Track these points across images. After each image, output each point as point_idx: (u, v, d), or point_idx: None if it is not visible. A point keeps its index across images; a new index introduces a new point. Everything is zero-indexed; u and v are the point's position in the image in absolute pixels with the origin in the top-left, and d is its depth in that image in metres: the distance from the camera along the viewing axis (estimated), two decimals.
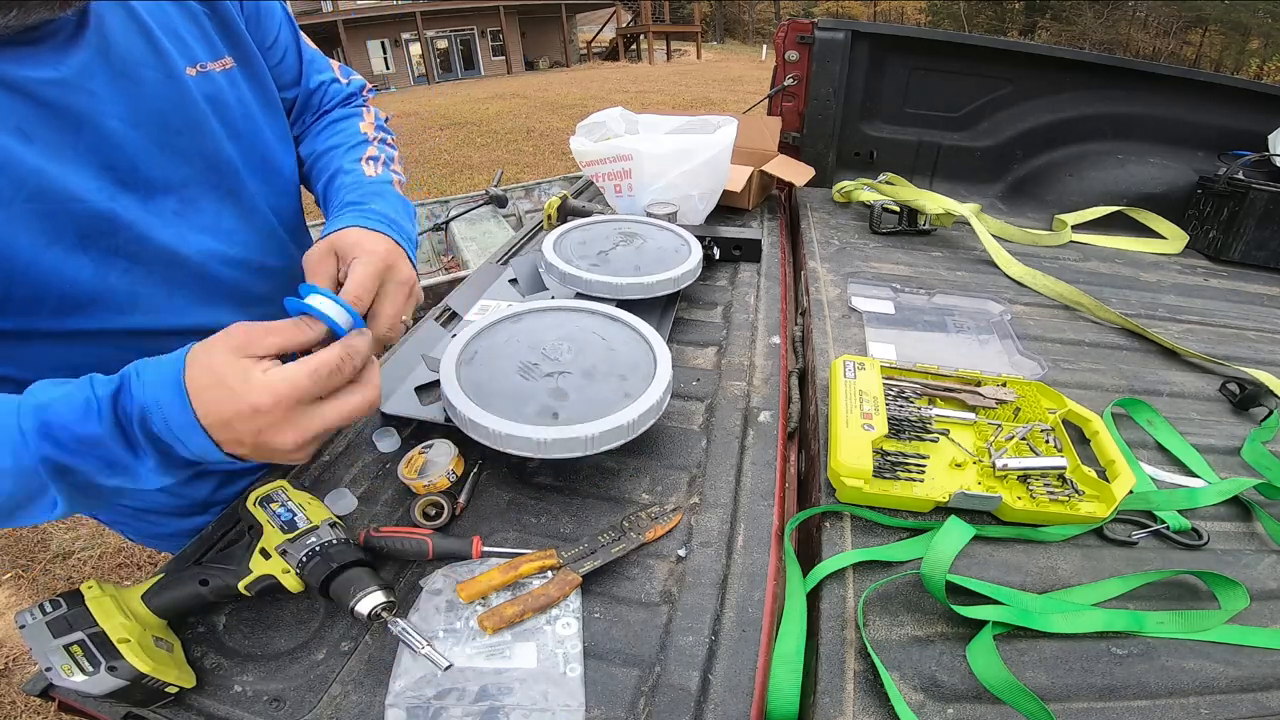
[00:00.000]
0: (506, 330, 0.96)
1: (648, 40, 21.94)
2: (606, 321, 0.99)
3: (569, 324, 0.98)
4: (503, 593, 0.68)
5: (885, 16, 29.44)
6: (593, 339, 0.94)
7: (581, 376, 0.86)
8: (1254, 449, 0.95)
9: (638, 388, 0.85)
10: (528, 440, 0.75)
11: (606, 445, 0.78)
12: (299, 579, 0.64)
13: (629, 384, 0.86)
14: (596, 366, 0.89)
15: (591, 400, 0.82)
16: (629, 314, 1.00)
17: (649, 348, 0.93)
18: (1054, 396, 0.98)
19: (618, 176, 1.57)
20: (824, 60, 1.96)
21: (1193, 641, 0.67)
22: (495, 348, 0.91)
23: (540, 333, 0.95)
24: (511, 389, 0.83)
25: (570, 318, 1.00)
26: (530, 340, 0.93)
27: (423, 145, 9.33)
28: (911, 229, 1.77)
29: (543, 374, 0.86)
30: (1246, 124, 1.91)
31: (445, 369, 0.85)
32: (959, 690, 0.61)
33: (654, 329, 0.97)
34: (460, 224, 4.12)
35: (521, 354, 0.90)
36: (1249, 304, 1.52)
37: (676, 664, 0.63)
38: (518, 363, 0.88)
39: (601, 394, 0.84)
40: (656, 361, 0.90)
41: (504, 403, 0.80)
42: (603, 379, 0.87)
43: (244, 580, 0.64)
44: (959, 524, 0.71)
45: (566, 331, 0.95)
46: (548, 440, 0.75)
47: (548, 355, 0.90)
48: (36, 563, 2.19)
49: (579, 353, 0.91)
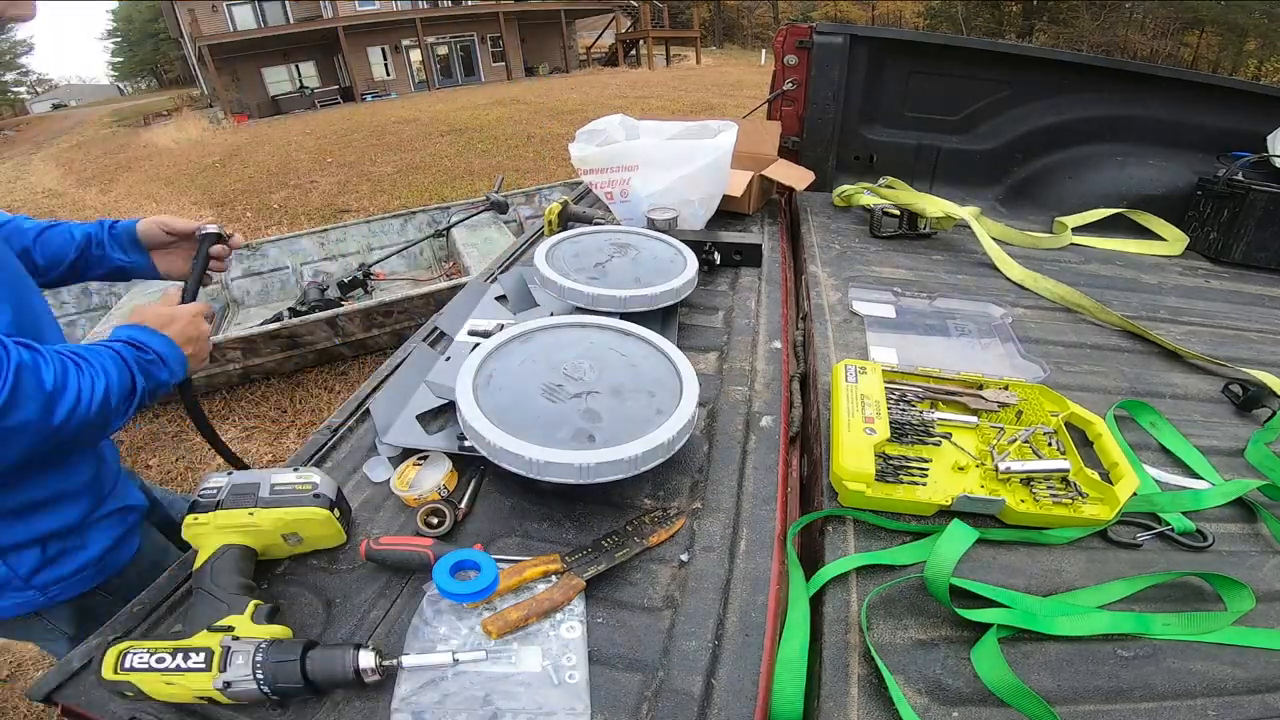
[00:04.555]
0: (519, 350, 0.93)
1: (647, 45, 22.01)
2: (620, 337, 0.98)
3: (583, 341, 0.96)
4: (507, 597, 0.68)
5: (883, 20, 29.52)
6: (612, 355, 0.92)
7: (610, 395, 0.85)
8: (1258, 450, 0.94)
9: (668, 403, 0.83)
10: (569, 466, 0.73)
11: (649, 464, 0.76)
12: (271, 693, 0.58)
13: (659, 400, 0.84)
14: (623, 384, 0.87)
15: (626, 419, 0.81)
16: (641, 328, 0.99)
17: (669, 361, 0.92)
18: (1056, 399, 0.98)
19: (618, 183, 1.58)
20: (823, 64, 1.97)
21: (1199, 643, 0.67)
22: (511, 370, 0.89)
23: (556, 351, 0.93)
24: (539, 413, 0.81)
25: (583, 334, 0.98)
26: (548, 360, 0.90)
27: (424, 151, 9.36)
28: (912, 232, 1.77)
29: (570, 395, 0.84)
30: (1245, 125, 1.91)
31: (463, 395, 0.81)
32: (964, 694, 0.61)
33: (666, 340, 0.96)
34: (461, 230, 4.14)
35: (542, 375, 0.87)
36: (1250, 305, 1.52)
37: (680, 668, 0.62)
38: (540, 384, 0.85)
39: (634, 412, 0.82)
40: (680, 375, 0.89)
41: (534, 428, 0.78)
42: (632, 396, 0.85)
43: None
44: (962, 527, 0.70)
45: (583, 349, 0.94)
46: (590, 465, 0.73)
47: (570, 375, 0.87)
48: None
49: (602, 371, 0.89)
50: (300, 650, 0.58)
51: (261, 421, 2.90)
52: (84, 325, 3.51)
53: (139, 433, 2.80)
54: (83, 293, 3.57)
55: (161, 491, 1.16)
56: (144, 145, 12.11)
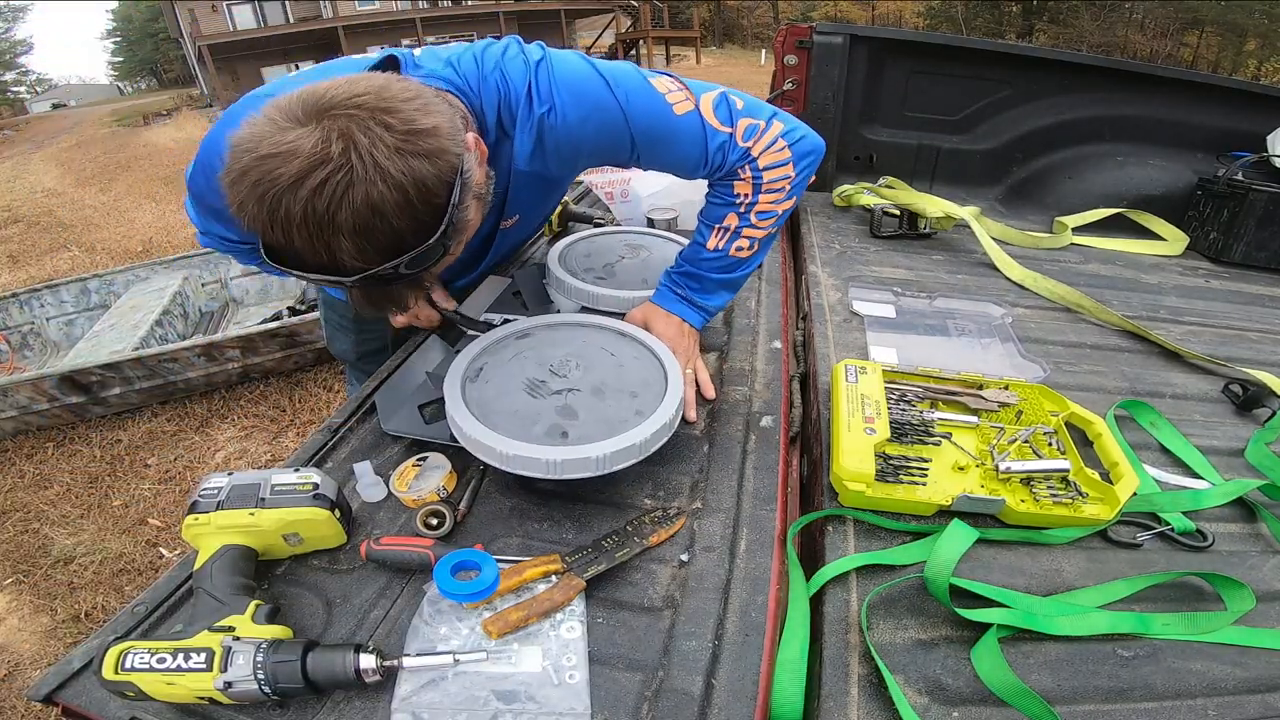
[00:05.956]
0: (513, 346, 0.94)
1: (647, 45, 21.99)
2: (615, 337, 0.98)
3: (577, 339, 0.96)
4: (507, 598, 0.68)
5: (883, 20, 29.51)
6: (601, 355, 0.93)
7: (591, 394, 0.85)
8: (1258, 450, 0.94)
9: (649, 405, 0.84)
10: (536, 461, 0.74)
11: (618, 465, 0.77)
12: (272, 693, 0.58)
13: (640, 401, 0.85)
14: (606, 383, 0.87)
15: (601, 419, 0.81)
16: (638, 329, 0.99)
17: (659, 363, 0.92)
18: (1056, 399, 0.98)
19: (618, 183, 1.58)
20: (823, 64, 1.97)
21: (1199, 643, 0.67)
22: (502, 365, 0.90)
23: (548, 349, 0.93)
24: (519, 407, 0.82)
25: (579, 333, 0.98)
26: (538, 357, 0.91)
27: None
28: (912, 232, 1.77)
29: (551, 391, 0.85)
30: (1245, 125, 1.91)
31: (450, 387, 0.83)
32: (964, 693, 0.61)
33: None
34: None
35: (529, 371, 0.88)
36: (1250, 305, 1.52)
37: (680, 669, 0.62)
38: (525, 380, 0.86)
39: (612, 412, 0.83)
40: (668, 378, 0.89)
41: (511, 422, 0.79)
42: (613, 396, 0.85)
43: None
44: (962, 527, 0.70)
45: (575, 347, 0.94)
46: (557, 461, 0.74)
47: (555, 372, 0.88)
48: (38, 568, 2.19)
49: (588, 369, 0.89)
50: (301, 650, 0.58)
51: (260, 421, 2.89)
52: (82, 324, 3.51)
53: (138, 432, 2.79)
54: (81, 292, 3.57)
55: None
56: (144, 145, 12.09)
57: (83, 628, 1.97)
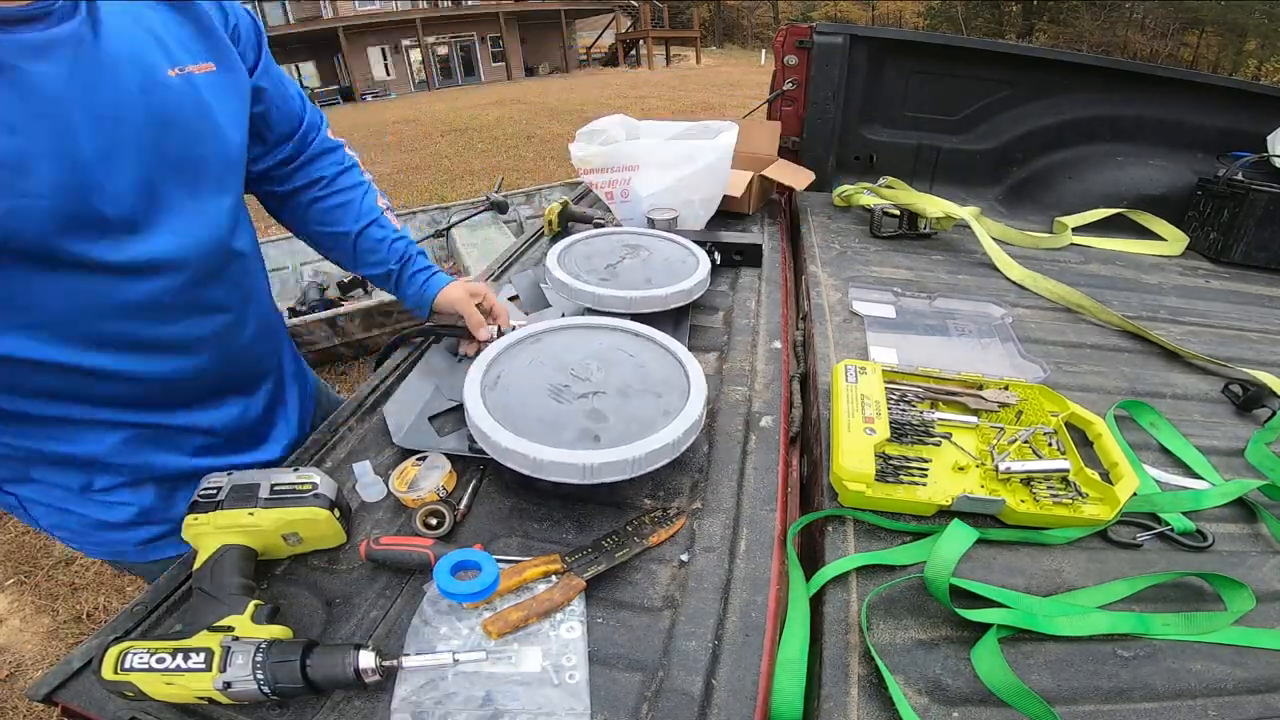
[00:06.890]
0: (527, 351, 0.93)
1: (647, 45, 22.02)
2: (629, 337, 0.98)
3: (591, 342, 0.96)
4: (507, 598, 0.68)
5: (883, 20, 29.53)
6: (620, 356, 0.93)
7: (617, 396, 0.85)
8: (1258, 450, 0.94)
9: (675, 404, 0.83)
10: (573, 466, 0.73)
11: (653, 465, 0.76)
12: (271, 692, 0.57)
13: (665, 400, 0.84)
14: (630, 384, 0.87)
15: (631, 420, 0.81)
16: (650, 328, 0.99)
17: (678, 362, 0.92)
18: (1056, 399, 0.98)
19: (618, 183, 1.58)
20: (823, 64, 1.97)
21: (1199, 643, 0.67)
22: (519, 370, 0.89)
23: (564, 352, 0.93)
24: (545, 413, 0.81)
25: (592, 335, 0.98)
26: (555, 361, 0.91)
27: (424, 151, 9.37)
28: (912, 232, 1.77)
29: (576, 395, 0.84)
30: (1245, 125, 1.91)
31: (470, 396, 0.82)
32: (964, 694, 0.61)
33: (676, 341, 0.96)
34: (461, 230, 4.13)
35: (549, 375, 0.88)
36: (1250, 305, 1.52)
37: (680, 669, 0.62)
38: (547, 385, 0.86)
39: (640, 412, 0.82)
40: (689, 375, 0.89)
41: (539, 428, 0.78)
42: (638, 397, 0.85)
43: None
44: (962, 527, 0.71)
45: (591, 350, 0.94)
46: (594, 465, 0.73)
47: (577, 375, 0.88)
48: (39, 569, 2.19)
49: (609, 371, 0.89)
50: (300, 650, 0.58)
51: None
52: None
53: None
54: None
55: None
56: None
57: (84, 628, 1.98)
